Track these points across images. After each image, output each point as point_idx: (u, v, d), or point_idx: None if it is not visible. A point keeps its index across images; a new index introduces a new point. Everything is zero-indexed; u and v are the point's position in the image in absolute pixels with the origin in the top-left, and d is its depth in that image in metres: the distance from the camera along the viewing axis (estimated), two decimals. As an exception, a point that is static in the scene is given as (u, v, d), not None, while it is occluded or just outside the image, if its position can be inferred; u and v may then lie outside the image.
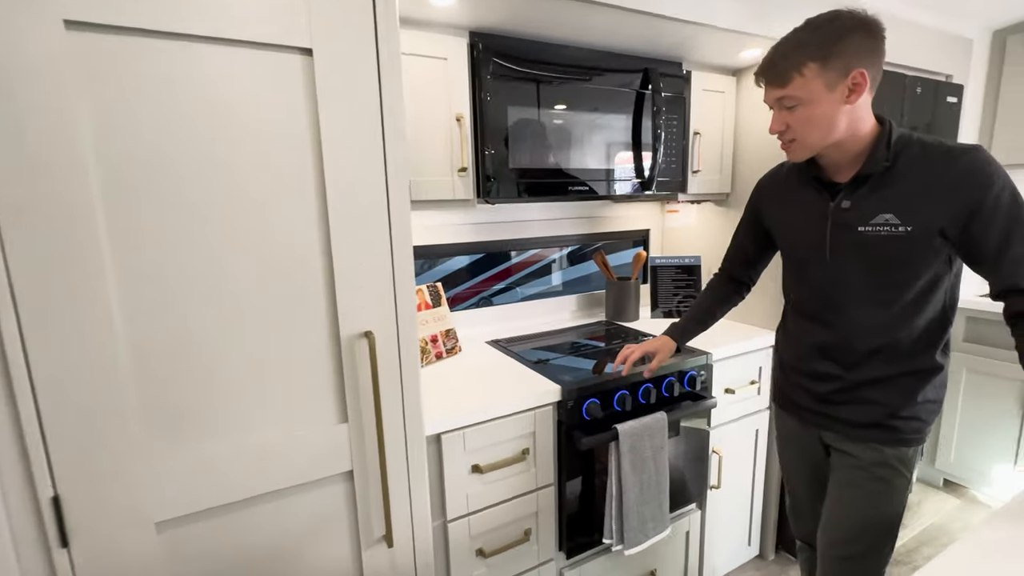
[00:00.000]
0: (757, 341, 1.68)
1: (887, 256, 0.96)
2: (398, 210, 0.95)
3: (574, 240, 2.06)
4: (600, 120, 1.50)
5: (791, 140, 0.97)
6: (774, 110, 0.98)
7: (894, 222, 0.93)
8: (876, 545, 1.06)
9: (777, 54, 0.93)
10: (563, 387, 1.29)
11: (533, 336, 1.78)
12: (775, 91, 0.95)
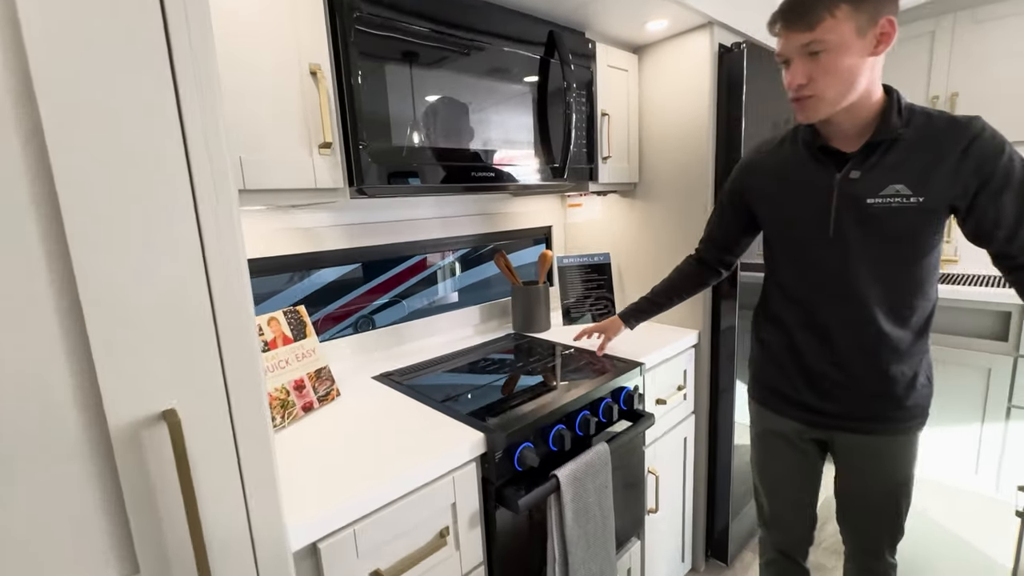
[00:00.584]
0: (683, 342, 1.54)
1: (895, 230, 0.91)
2: (214, 204, 0.56)
3: (470, 241, 1.75)
4: (502, 90, 1.21)
5: (809, 95, 0.87)
6: (792, 61, 0.88)
7: (905, 192, 0.89)
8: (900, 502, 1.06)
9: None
10: (488, 435, 0.97)
11: (433, 363, 1.42)
12: (799, 35, 0.84)
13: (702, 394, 1.65)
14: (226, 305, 0.58)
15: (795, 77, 0.87)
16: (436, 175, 1.11)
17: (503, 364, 1.42)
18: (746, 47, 1.43)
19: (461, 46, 1.11)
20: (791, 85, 0.89)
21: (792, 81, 0.88)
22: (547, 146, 1.33)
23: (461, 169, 1.15)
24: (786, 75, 0.90)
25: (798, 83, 0.87)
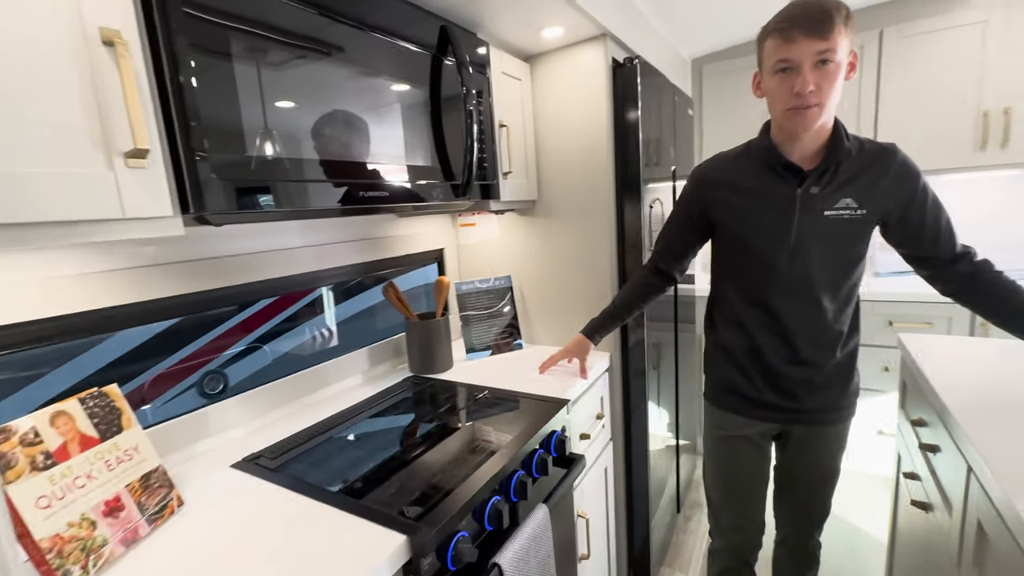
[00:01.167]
0: (599, 367, 1.45)
1: (844, 239, 1.01)
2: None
3: (348, 273, 1.46)
4: (390, 94, 0.99)
5: (816, 103, 0.89)
6: (802, 67, 0.88)
7: (853, 206, 0.99)
8: (834, 483, 1.19)
9: (814, 4, 0.87)
10: (412, 536, 0.74)
11: (316, 431, 1.12)
12: (816, 42, 0.86)
13: (617, 418, 1.59)
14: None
15: (807, 83, 0.88)
16: (311, 195, 0.85)
17: (406, 422, 1.17)
18: (639, 63, 1.41)
19: (336, 36, 0.87)
20: (802, 90, 0.88)
21: (804, 87, 0.88)
22: (445, 160, 1.14)
23: (345, 188, 0.90)
24: (794, 81, 0.89)
25: (809, 89, 0.88)
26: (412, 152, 1.05)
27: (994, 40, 1.93)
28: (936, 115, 2.04)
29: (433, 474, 0.91)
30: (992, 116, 1.96)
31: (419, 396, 1.32)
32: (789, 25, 0.88)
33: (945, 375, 1.11)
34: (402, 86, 1.01)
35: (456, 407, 1.22)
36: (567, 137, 1.50)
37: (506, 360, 1.55)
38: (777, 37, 0.90)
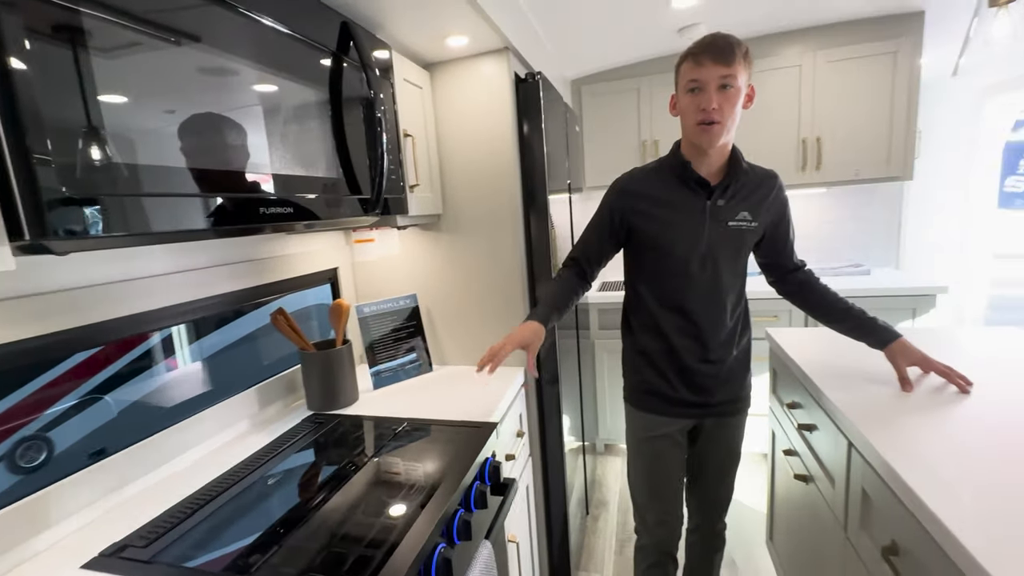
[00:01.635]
0: (516, 382, 1.42)
1: (741, 247, 1.16)
2: None
3: (228, 301, 1.24)
4: (284, 95, 0.85)
5: (717, 121, 1.02)
6: (708, 88, 1.01)
7: (748, 219, 1.14)
8: (737, 468, 1.33)
9: (724, 40, 1.00)
10: (360, 615, 0.62)
11: (198, 499, 0.91)
12: (721, 68, 1.00)
13: (534, 432, 1.58)
14: None
15: (711, 101, 1.01)
16: (195, 212, 0.68)
17: (315, 471, 1.02)
18: (540, 78, 1.43)
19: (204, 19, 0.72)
20: (707, 107, 1.01)
21: (709, 104, 1.01)
22: (350, 172, 1.02)
23: (237, 203, 0.74)
24: (701, 99, 1.02)
25: (712, 106, 1.00)
26: (313, 163, 0.92)
27: (806, 82, 2.35)
28: (770, 140, 2.42)
29: (364, 530, 0.79)
30: (808, 143, 2.38)
31: (326, 438, 1.16)
32: (700, 52, 1.01)
33: (812, 363, 1.29)
34: (298, 87, 0.88)
35: (372, 446, 1.10)
36: (471, 149, 1.46)
37: (418, 385, 1.45)
38: (690, 61, 1.03)
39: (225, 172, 0.73)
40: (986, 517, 0.68)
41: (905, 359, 1.11)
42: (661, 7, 1.87)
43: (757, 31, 2.31)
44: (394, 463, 1.01)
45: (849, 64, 2.28)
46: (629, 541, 2.04)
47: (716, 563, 1.43)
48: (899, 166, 2.32)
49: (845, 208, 2.76)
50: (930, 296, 2.17)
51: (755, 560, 1.88)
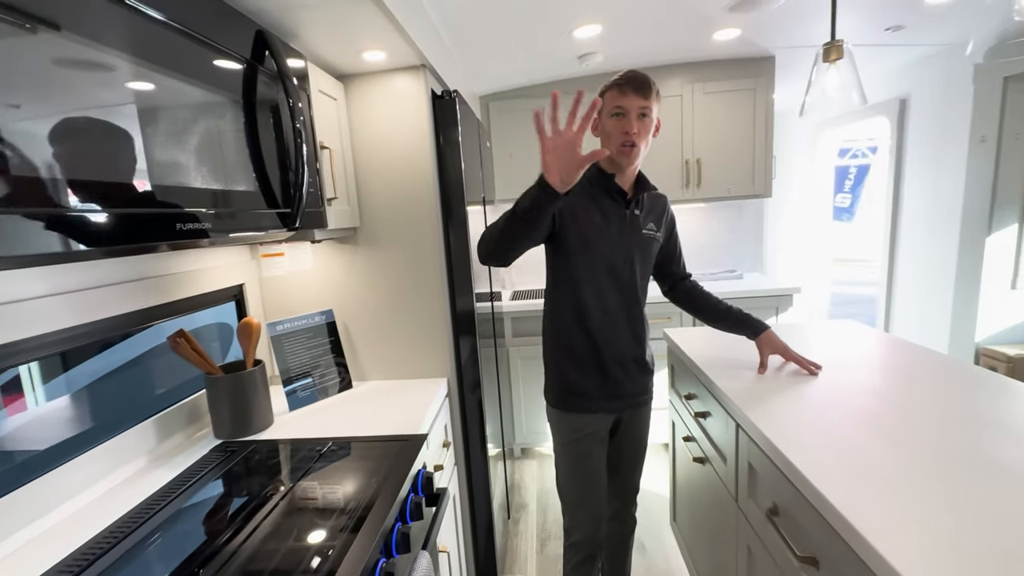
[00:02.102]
0: (440, 394, 1.44)
1: (650, 253, 1.32)
2: None
3: (116, 325, 1.11)
4: (192, 98, 0.80)
5: (635, 144, 1.17)
6: (630, 115, 1.16)
7: (654, 228, 1.32)
8: (645, 459, 1.49)
9: (645, 76, 1.17)
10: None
11: (95, 551, 0.81)
12: (640, 99, 1.15)
13: (459, 441, 1.60)
14: None
15: (632, 126, 1.16)
16: (93, 229, 0.62)
17: (234, 507, 0.95)
18: (457, 95, 1.47)
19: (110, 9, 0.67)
20: (628, 131, 1.16)
21: (629, 129, 1.16)
22: (266, 185, 0.98)
23: (142, 219, 0.69)
24: (624, 124, 1.17)
25: (634, 131, 1.16)
26: (227, 176, 0.87)
27: (687, 110, 2.66)
28: (659, 160, 2.69)
29: (301, 555, 0.77)
30: (691, 164, 2.70)
31: (241, 466, 1.08)
32: (625, 83, 1.16)
33: (704, 358, 1.48)
34: (206, 95, 0.83)
35: (296, 469, 1.05)
36: (389, 163, 1.46)
37: (338, 403, 1.40)
38: (616, 90, 1.17)
39: (115, 184, 0.67)
40: (843, 475, 0.84)
41: (769, 348, 1.35)
42: (564, 36, 2.01)
43: (645, 63, 2.57)
44: (323, 484, 0.98)
45: (720, 96, 2.63)
46: (550, 539, 2.12)
47: (630, 545, 1.56)
48: (761, 185, 2.71)
49: (721, 221, 3.15)
50: (788, 295, 2.56)
51: (662, 540, 2.06)
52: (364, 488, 0.95)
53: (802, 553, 0.87)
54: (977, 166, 2.32)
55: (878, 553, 0.66)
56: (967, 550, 0.65)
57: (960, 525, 0.70)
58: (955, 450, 0.89)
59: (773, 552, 1.00)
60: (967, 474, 0.81)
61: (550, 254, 1.31)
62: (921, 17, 2.01)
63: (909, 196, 2.81)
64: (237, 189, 0.89)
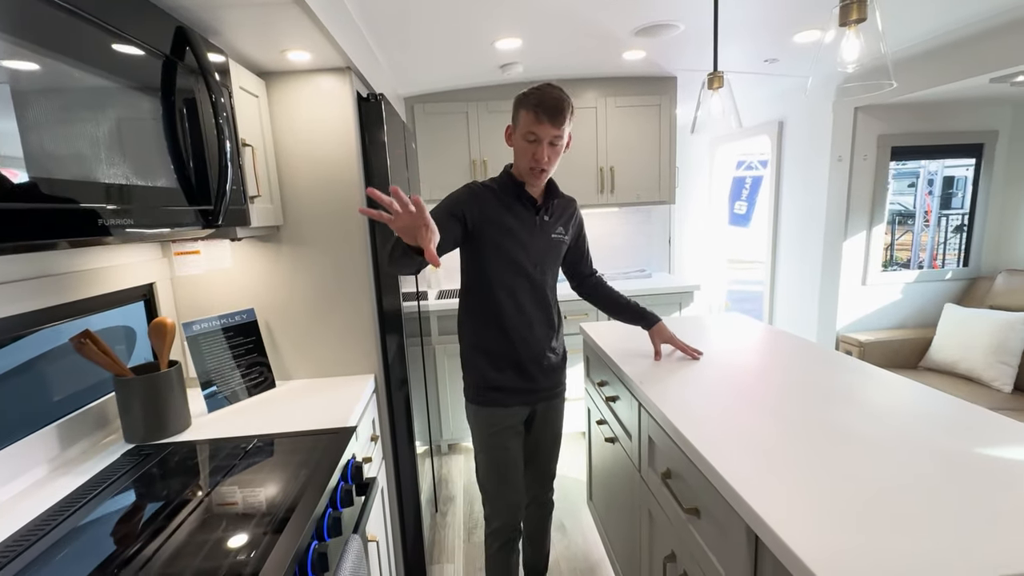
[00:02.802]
0: (367, 389, 1.47)
1: (558, 254, 1.43)
2: None
3: (6, 327, 1.04)
4: (111, 94, 0.79)
5: (544, 169, 1.28)
6: (543, 143, 1.24)
7: (562, 232, 1.43)
8: (560, 446, 1.62)
9: (560, 102, 1.22)
10: (246, 614, 0.64)
11: (3, 557, 0.78)
12: (555, 129, 1.23)
13: (386, 435, 1.64)
14: None
15: (543, 155, 1.26)
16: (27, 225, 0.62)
17: (161, 500, 0.94)
18: (383, 98, 1.52)
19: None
20: (540, 160, 1.26)
21: (541, 156, 1.25)
22: (186, 181, 0.97)
23: (44, 216, 0.68)
24: (536, 151, 1.25)
25: (544, 160, 1.26)
26: (146, 172, 0.86)
27: (601, 121, 2.87)
28: (577, 167, 2.88)
29: (234, 545, 0.79)
30: (605, 171, 2.91)
31: (160, 468, 1.06)
32: (541, 111, 1.22)
33: (613, 348, 1.64)
34: (125, 89, 0.82)
35: (223, 465, 1.05)
36: (313, 163, 1.47)
37: (260, 404, 1.39)
38: (531, 115, 1.23)
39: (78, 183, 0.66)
40: (722, 440, 1.01)
41: (660, 338, 1.53)
42: (487, 46, 2.11)
43: (563, 75, 2.74)
44: (251, 479, 0.99)
45: (630, 110, 2.87)
46: (476, 528, 2.21)
47: (548, 526, 1.68)
48: (666, 192, 2.98)
49: (632, 224, 3.41)
50: (690, 292, 2.85)
51: (579, 519, 2.22)
52: (294, 479, 0.98)
53: (687, 506, 1.03)
54: (836, 181, 2.74)
55: (741, 497, 0.82)
56: (818, 497, 0.83)
57: (814, 478, 0.88)
58: (817, 420, 1.08)
59: (667, 510, 1.16)
60: (825, 440, 0.99)
61: (465, 258, 1.36)
62: (790, 53, 2.35)
63: (787, 205, 3.23)
64: (156, 185, 0.88)
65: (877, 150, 2.64)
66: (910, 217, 3.81)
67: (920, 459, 0.90)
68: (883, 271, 2.87)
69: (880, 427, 1.03)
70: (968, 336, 2.43)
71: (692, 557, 1.03)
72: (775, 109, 3.23)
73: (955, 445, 0.94)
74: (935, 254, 3.68)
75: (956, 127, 2.66)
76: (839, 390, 1.24)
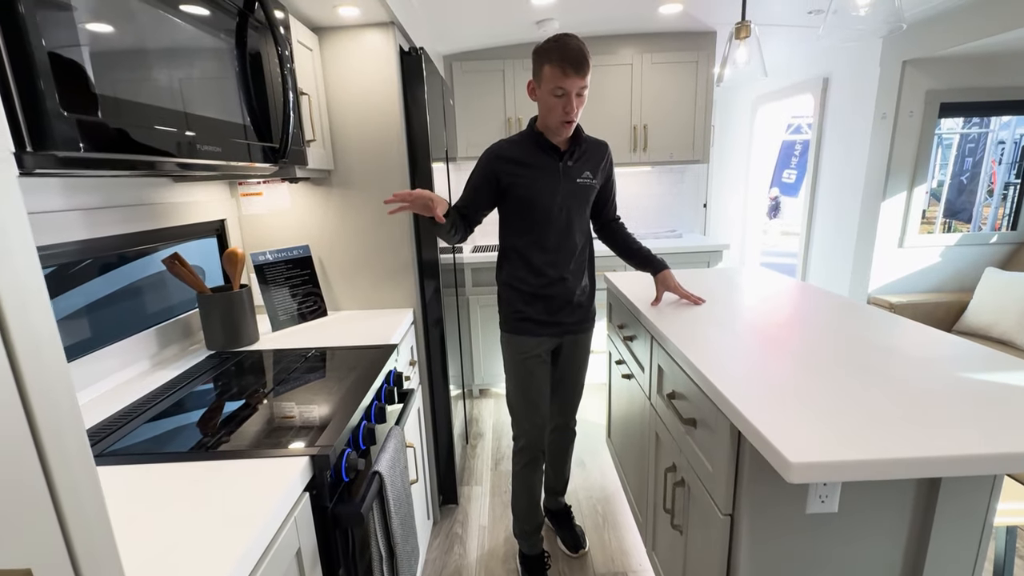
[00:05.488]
0: (407, 319, 1.65)
1: (586, 198, 1.49)
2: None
3: (115, 244, 1.25)
4: (198, 43, 0.95)
5: (574, 119, 1.34)
6: (570, 95, 1.29)
7: (589, 176, 1.48)
8: (585, 379, 1.74)
9: (582, 53, 1.26)
10: (313, 458, 0.83)
11: (125, 415, 1.00)
12: (580, 80, 1.28)
13: (423, 365, 1.82)
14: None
15: (572, 108, 1.32)
16: (133, 142, 0.79)
17: (246, 383, 1.14)
18: (423, 52, 1.63)
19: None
20: (571, 111, 1.31)
21: (571, 109, 1.32)
22: (256, 121, 1.14)
23: (174, 138, 0.85)
24: (565, 104, 1.31)
25: (573, 113, 1.32)
26: (224, 110, 1.03)
27: (636, 78, 2.88)
28: (609, 125, 2.92)
29: (301, 414, 0.98)
30: (638, 130, 2.94)
31: (241, 365, 1.27)
32: (566, 63, 1.26)
33: (633, 293, 1.75)
34: (209, 37, 0.98)
35: (290, 366, 1.25)
36: (360, 114, 1.61)
37: (315, 328, 1.59)
38: (557, 69, 1.28)
39: (170, 111, 0.83)
40: (724, 364, 1.12)
41: (663, 285, 1.60)
42: (523, 2, 2.17)
43: (599, 32, 2.75)
44: (311, 377, 1.19)
45: (666, 67, 2.86)
46: (503, 460, 2.42)
47: (570, 452, 1.85)
48: (700, 152, 2.99)
49: (665, 184, 3.43)
50: (718, 251, 2.89)
51: (598, 456, 2.39)
52: (346, 378, 1.16)
53: (686, 417, 1.16)
54: (878, 139, 2.67)
55: (725, 397, 0.94)
56: (796, 400, 0.94)
57: (802, 389, 0.99)
58: (817, 350, 1.18)
59: (670, 428, 1.29)
60: (835, 369, 1.09)
61: (500, 209, 1.51)
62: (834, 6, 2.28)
63: (826, 166, 3.17)
64: (232, 121, 1.05)
65: (924, 106, 2.55)
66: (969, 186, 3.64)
67: (924, 383, 0.99)
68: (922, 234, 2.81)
69: (887, 357, 1.11)
70: (1006, 300, 2.38)
71: (688, 464, 1.16)
72: (820, 65, 3.12)
73: (964, 375, 1.02)
74: (997, 226, 3.52)
75: (1011, 82, 2.53)
76: (845, 327, 1.32)
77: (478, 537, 1.89)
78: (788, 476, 0.74)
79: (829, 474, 0.73)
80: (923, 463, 0.73)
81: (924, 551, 0.92)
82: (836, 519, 0.92)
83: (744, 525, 0.92)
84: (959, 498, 0.90)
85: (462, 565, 1.76)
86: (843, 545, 0.93)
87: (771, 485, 0.90)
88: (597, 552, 1.79)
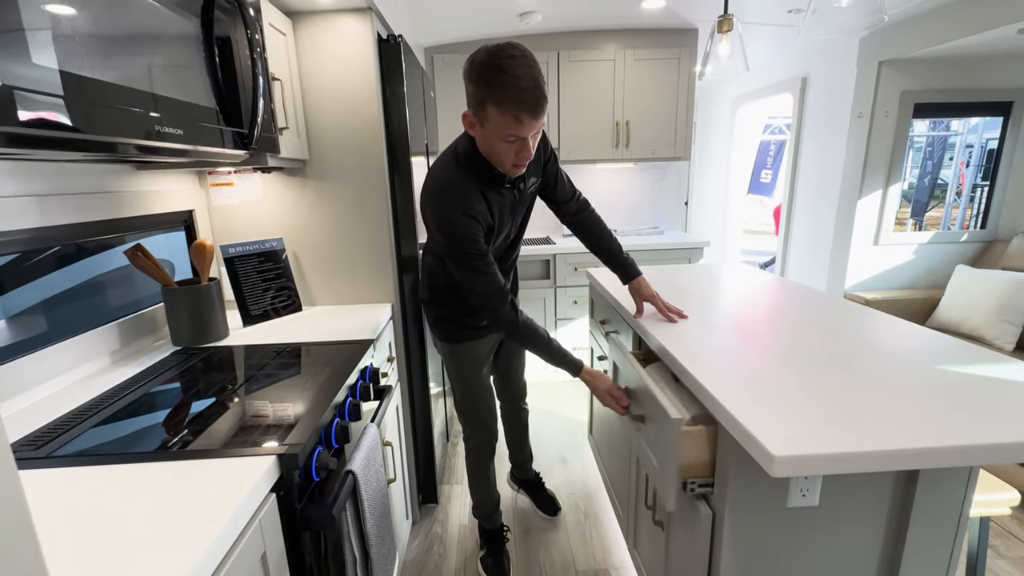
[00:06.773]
0: (385, 314, 1.60)
1: (532, 202, 1.43)
2: None
3: (71, 233, 1.18)
4: (163, 19, 0.89)
5: (527, 160, 1.16)
6: (528, 140, 1.11)
7: (535, 180, 1.38)
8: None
9: (538, 90, 1.04)
10: (280, 456, 0.79)
11: (80, 415, 0.94)
12: (537, 122, 1.08)
13: (402, 362, 1.78)
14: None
15: (531, 153, 1.15)
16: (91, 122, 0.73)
17: (212, 380, 1.09)
18: (402, 41, 1.58)
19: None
20: (527, 157, 1.15)
21: (528, 154, 1.14)
22: (224, 105, 1.08)
23: (137, 121, 0.80)
24: (520, 149, 1.13)
25: (529, 156, 1.15)
26: (191, 92, 0.97)
27: (619, 74, 2.87)
28: (592, 121, 2.91)
29: (270, 411, 0.93)
30: (620, 125, 2.93)
31: (208, 361, 1.21)
32: (520, 110, 1.04)
33: (614, 289, 1.74)
34: (174, 17, 0.92)
35: (260, 362, 1.20)
36: (336, 102, 1.56)
37: (288, 323, 1.53)
38: (509, 118, 1.05)
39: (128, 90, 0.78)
40: (705, 359, 1.11)
41: (640, 295, 1.42)
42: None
43: (582, 26, 2.74)
44: (282, 373, 1.14)
45: (649, 63, 2.86)
46: (484, 457, 2.39)
47: (527, 425, 1.94)
48: (681, 149, 3.00)
49: (647, 181, 3.44)
50: (699, 248, 2.90)
51: (580, 454, 2.38)
52: (319, 374, 1.12)
53: (667, 412, 1.14)
54: (854, 138, 2.72)
55: (700, 384, 0.92)
56: (770, 389, 0.93)
57: (775, 380, 0.98)
58: (794, 343, 1.18)
59: (652, 422, 1.27)
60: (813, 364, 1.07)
61: None
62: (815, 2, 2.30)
63: (804, 165, 3.21)
64: (198, 103, 0.99)
65: (899, 107, 2.60)
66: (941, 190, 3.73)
67: (902, 376, 0.99)
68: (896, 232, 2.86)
69: (864, 351, 1.11)
70: (975, 296, 2.44)
71: (670, 458, 1.15)
72: (799, 65, 3.16)
73: (942, 367, 1.03)
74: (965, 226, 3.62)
75: (983, 84, 2.59)
76: (823, 321, 1.32)
77: (459, 536, 1.86)
78: (771, 470, 0.72)
79: (811, 467, 0.72)
80: (904, 455, 0.73)
81: (902, 542, 0.92)
82: (817, 512, 0.91)
83: (726, 520, 0.91)
84: (936, 490, 0.90)
85: (441, 565, 1.72)
86: (824, 538, 0.93)
87: (753, 480, 0.89)
88: (579, 549, 1.78)
